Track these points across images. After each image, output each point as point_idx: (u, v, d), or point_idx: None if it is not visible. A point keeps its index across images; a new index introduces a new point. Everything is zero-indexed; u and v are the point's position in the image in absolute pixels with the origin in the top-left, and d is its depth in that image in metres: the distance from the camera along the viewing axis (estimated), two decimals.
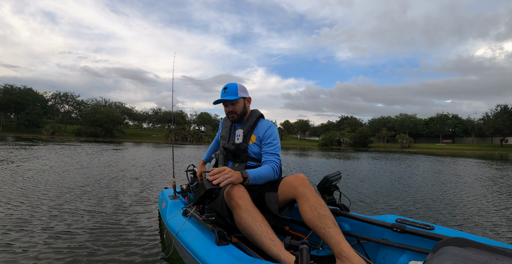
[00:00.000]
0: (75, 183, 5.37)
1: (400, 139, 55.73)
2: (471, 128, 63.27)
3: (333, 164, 12.91)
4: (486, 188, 6.55)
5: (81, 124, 57.67)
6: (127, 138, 57.08)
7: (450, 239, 1.17)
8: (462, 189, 6.31)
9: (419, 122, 69.91)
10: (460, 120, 68.05)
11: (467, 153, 34.07)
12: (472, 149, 47.44)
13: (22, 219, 3.09)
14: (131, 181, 5.94)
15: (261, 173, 1.83)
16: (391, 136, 64.62)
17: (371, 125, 73.21)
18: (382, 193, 5.63)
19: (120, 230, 2.85)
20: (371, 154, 26.39)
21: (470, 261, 0.98)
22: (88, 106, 66.83)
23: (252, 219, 1.55)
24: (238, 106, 2.11)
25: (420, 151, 39.30)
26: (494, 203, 4.85)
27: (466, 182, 7.50)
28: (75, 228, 2.87)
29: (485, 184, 7.33)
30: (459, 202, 4.91)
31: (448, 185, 6.97)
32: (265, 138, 2.05)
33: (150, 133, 70.02)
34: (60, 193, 4.42)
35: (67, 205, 3.75)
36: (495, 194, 5.82)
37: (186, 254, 1.65)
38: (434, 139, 69.43)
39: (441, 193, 5.72)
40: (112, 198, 4.25)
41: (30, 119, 54.67)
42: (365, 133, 58.66)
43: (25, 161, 8.83)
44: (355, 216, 1.87)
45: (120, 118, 62.19)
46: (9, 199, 3.92)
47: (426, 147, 54.63)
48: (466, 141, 67.00)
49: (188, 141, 54.71)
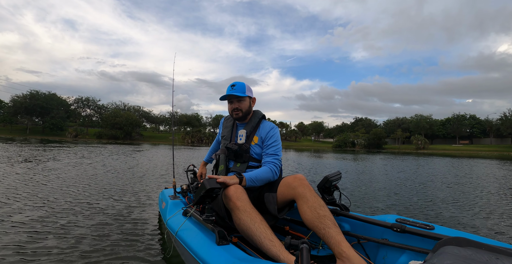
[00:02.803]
0: (82, 182, 5.56)
1: (415, 140, 55.07)
2: (489, 128, 61.89)
3: (340, 165, 13.08)
4: (491, 188, 6.69)
5: (102, 127, 60.15)
6: (145, 140, 58.87)
7: (450, 238, 1.17)
8: (469, 190, 6.39)
9: (435, 123, 68.47)
10: (478, 121, 66.21)
11: (483, 154, 33.56)
12: (489, 150, 46.41)
13: (20, 219, 3.15)
14: (132, 181, 6.04)
15: (258, 174, 1.85)
16: (406, 137, 63.75)
17: (385, 126, 72.33)
18: (383, 192, 5.70)
19: (120, 230, 2.87)
20: (384, 155, 26.16)
21: (470, 260, 0.98)
22: (108, 109, 69.60)
23: (251, 220, 1.55)
24: (244, 104, 2.10)
25: (435, 153, 38.50)
26: (497, 203, 4.92)
27: (473, 183, 7.63)
28: (75, 227, 2.90)
29: (490, 184, 7.47)
30: (460, 201, 5.06)
31: (456, 186, 7.01)
32: (267, 139, 2.07)
33: (167, 135, 71.92)
34: (63, 192, 4.54)
35: (66, 205, 3.79)
36: (498, 194, 5.94)
37: (186, 253, 1.65)
38: (451, 140, 67.81)
39: (444, 193, 5.83)
40: (112, 198, 4.31)
41: (54, 122, 57.62)
42: (379, 134, 58.13)
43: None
44: (355, 216, 1.87)
45: (139, 121, 64.30)
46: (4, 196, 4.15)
47: (442, 148, 53.77)
48: (485, 142, 65.13)
49: (204, 143, 56.03)
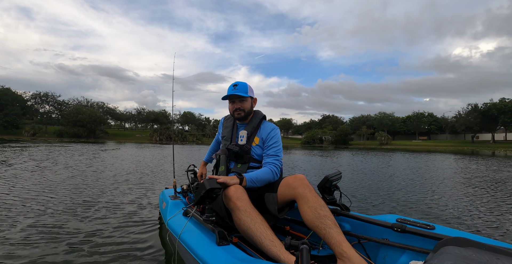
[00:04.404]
0: (72, 184, 5.42)
1: (378, 136, 57.63)
2: (445, 125, 66.14)
3: (314, 162, 13.28)
4: (450, 180, 7.28)
5: (63, 125, 56.11)
6: (110, 138, 55.97)
7: (451, 238, 1.17)
8: (430, 181, 6.99)
9: (397, 120, 72.17)
10: (435, 118, 70.64)
11: (440, 149, 35.98)
12: (446, 145, 49.65)
13: (19, 219, 3.12)
14: (130, 181, 6.02)
15: (259, 175, 1.84)
16: (371, 133, 66.44)
17: (351, 123, 74.91)
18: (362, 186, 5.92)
19: (120, 230, 2.85)
20: (351, 151, 27.43)
21: (470, 261, 0.98)
22: (69, 106, 65.23)
23: (251, 220, 1.54)
24: (246, 104, 2.08)
25: (397, 148, 40.95)
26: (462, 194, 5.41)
27: (434, 176, 8.28)
28: (74, 227, 2.89)
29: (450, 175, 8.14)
30: (425, 192, 5.54)
31: (419, 178, 7.49)
32: (268, 140, 2.06)
33: (133, 133, 69.06)
34: (60, 194, 4.46)
35: (65, 205, 3.75)
36: (458, 185, 6.52)
37: (186, 254, 1.65)
38: (411, 136, 71.81)
39: (408, 184, 6.29)
40: (111, 198, 4.29)
41: (9, 120, 52.78)
42: (345, 131, 60.36)
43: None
44: (355, 216, 1.87)
45: (103, 119, 60.93)
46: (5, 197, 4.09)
47: (403, 144, 56.69)
48: (441, 138, 69.58)
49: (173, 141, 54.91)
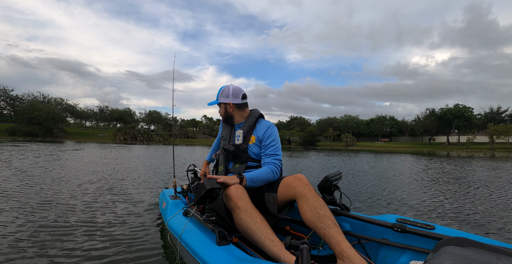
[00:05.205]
0: (67, 184, 5.29)
1: (344, 138, 60.07)
2: (405, 128, 70.16)
3: (289, 162, 13.50)
4: (411, 177, 7.85)
5: (15, 122, 51.49)
6: (70, 137, 52.49)
7: (451, 238, 1.17)
8: (394, 179, 7.46)
9: (361, 122, 75.48)
10: (396, 121, 74.68)
11: (402, 150, 38.49)
12: (406, 146, 52.75)
13: (17, 219, 3.06)
14: (128, 181, 6.01)
15: (259, 175, 1.84)
16: (337, 135, 69.11)
17: (318, 125, 77.30)
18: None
19: (119, 230, 2.83)
20: (320, 152, 28.18)
21: (470, 261, 0.98)
22: (23, 101, 60.31)
23: (252, 220, 1.54)
24: (220, 110, 2.22)
25: (362, 149, 43.05)
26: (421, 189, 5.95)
27: (400, 174, 8.75)
28: (74, 228, 2.86)
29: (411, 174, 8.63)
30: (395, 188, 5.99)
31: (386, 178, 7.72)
32: (265, 139, 2.05)
33: (95, 132, 65.48)
34: (57, 195, 4.31)
35: (63, 206, 3.68)
36: (416, 181, 7.10)
37: (186, 254, 1.64)
38: (374, 138, 75.39)
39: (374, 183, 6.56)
40: (111, 198, 4.25)
41: None
42: (313, 132, 62.04)
43: None
44: (355, 215, 1.87)
45: (61, 116, 56.63)
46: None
47: (367, 145, 59.38)
48: (401, 139, 73.78)
49: (138, 141, 52.80)
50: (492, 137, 45.89)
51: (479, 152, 32.55)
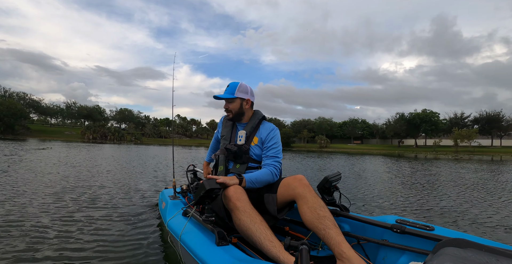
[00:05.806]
0: (62, 183, 5.24)
1: (318, 140, 61.60)
2: (376, 131, 73.02)
3: None
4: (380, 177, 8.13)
5: None
6: (33, 135, 49.81)
7: (450, 240, 1.18)
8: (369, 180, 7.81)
9: (335, 125, 77.70)
10: (368, 124, 77.57)
11: (374, 152, 40.36)
12: (377, 149, 54.81)
13: (16, 219, 3.02)
14: (126, 180, 5.99)
15: (258, 176, 1.83)
16: (311, 137, 70.59)
17: (293, 127, 78.81)
18: None
19: (119, 231, 2.81)
20: (296, 153, 28.72)
21: (470, 262, 0.98)
22: None
23: (251, 221, 1.53)
24: (233, 105, 2.10)
25: (335, 151, 44.51)
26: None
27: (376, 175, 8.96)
28: (73, 228, 2.83)
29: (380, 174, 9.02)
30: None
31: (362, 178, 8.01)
32: (267, 141, 2.04)
33: (61, 129, 62.16)
34: (54, 194, 4.29)
35: (62, 206, 3.63)
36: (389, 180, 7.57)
37: (185, 254, 1.64)
38: (347, 140, 77.68)
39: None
40: (111, 197, 4.24)
41: None
42: (288, 134, 62.95)
43: None
44: (355, 216, 1.87)
45: (24, 112, 53.33)
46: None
47: (340, 147, 61.02)
48: (372, 142, 76.89)
49: (109, 140, 50.80)
50: (456, 140, 48.69)
51: (446, 155, 34.81)
